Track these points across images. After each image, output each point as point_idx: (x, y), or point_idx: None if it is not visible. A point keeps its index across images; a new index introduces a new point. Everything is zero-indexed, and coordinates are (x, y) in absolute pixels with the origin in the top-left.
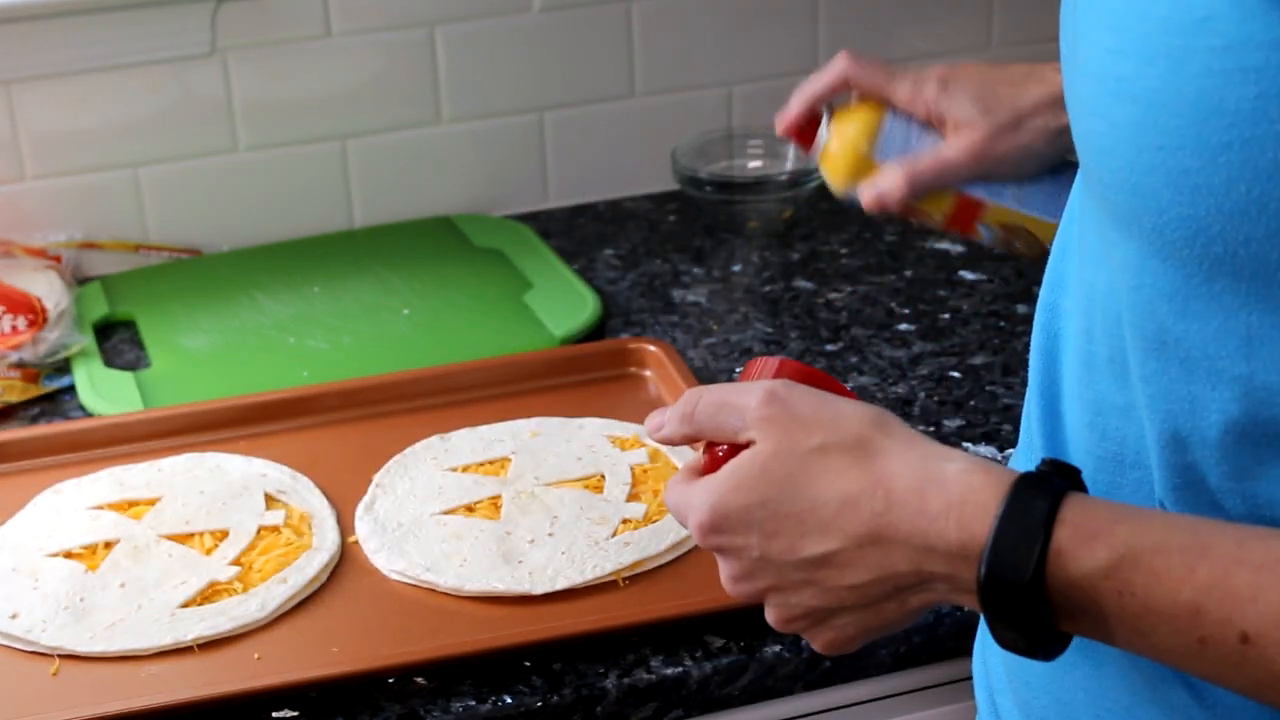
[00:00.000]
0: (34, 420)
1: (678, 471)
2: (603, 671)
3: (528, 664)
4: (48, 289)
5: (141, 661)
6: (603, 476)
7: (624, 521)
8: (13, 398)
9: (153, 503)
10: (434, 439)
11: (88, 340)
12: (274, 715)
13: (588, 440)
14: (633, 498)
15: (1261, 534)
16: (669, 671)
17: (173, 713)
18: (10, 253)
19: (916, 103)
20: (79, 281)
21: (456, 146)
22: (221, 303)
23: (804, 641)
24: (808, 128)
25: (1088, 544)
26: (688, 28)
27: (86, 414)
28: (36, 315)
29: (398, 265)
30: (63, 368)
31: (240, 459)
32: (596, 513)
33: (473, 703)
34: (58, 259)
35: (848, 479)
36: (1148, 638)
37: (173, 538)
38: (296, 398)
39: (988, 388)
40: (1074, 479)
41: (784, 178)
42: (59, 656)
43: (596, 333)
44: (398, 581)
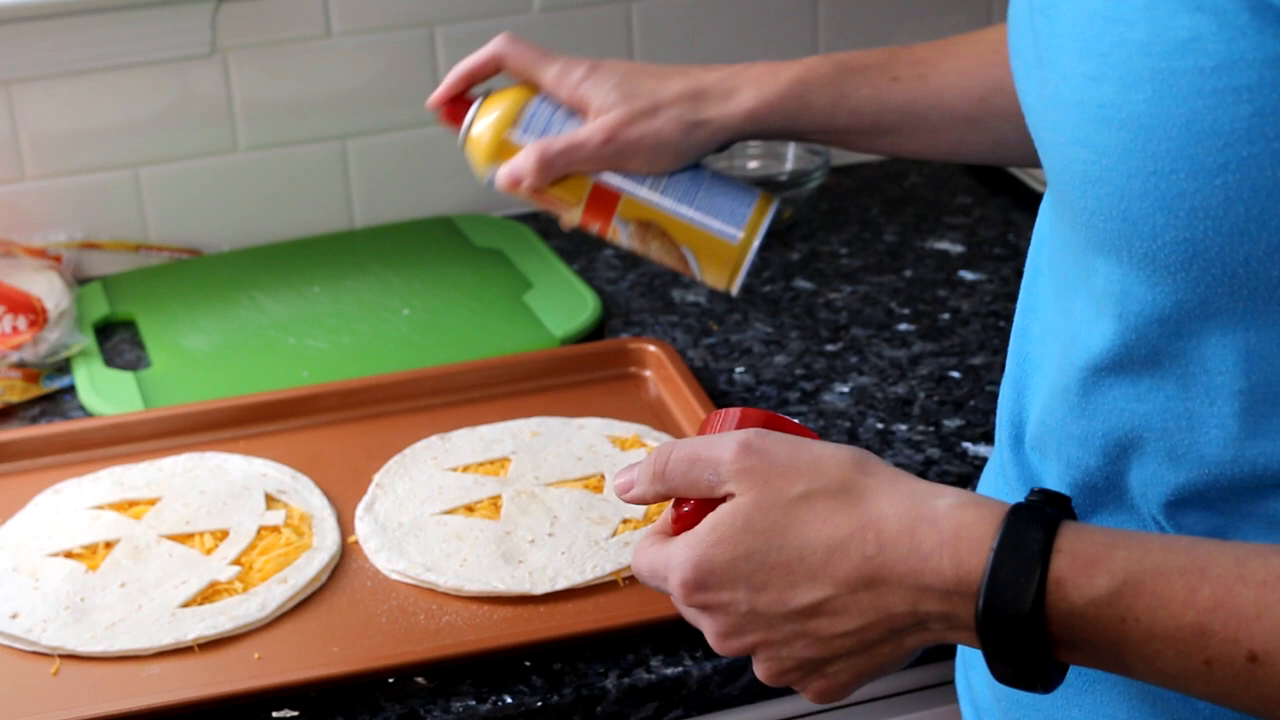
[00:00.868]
0: (34, 420)
1: (644, 536)
2: (603, 671)
3: (528, 664)
4: (48, 289)
5: (142, 661)
6: (603, 476)
7: (624, 521)
8: (13, 398)
9: (153, 503)
10: (434, 439)
11: (88, 340)
12: (274, 715)
13: (588, 440)
14: None
15: (1261, 551)
16: (669, 671)
17: (173, 713)
18: (10, 253)
19: (562, 87)
20: (79, 281)
21: (456, 146)
22: (221, 303)
23: None
24: (458, 109)
25: (1087, 572)
26: (688, 28)
27: (87, 414)
28: (37, 315)
29: (398, 265)
30: (63, 368)
31: (240, 459)
32: (596, 513)
33: (473, 703)
34: (58, 259)
35: (835, 524)
36: (1152, 663)
37: (173, 538)
38: (296, 398)
39: (988, 388)
40: (1065, 507)
41: (784, 178)
42: (59, 656)
43: (596, 333)
44: (398, 581)
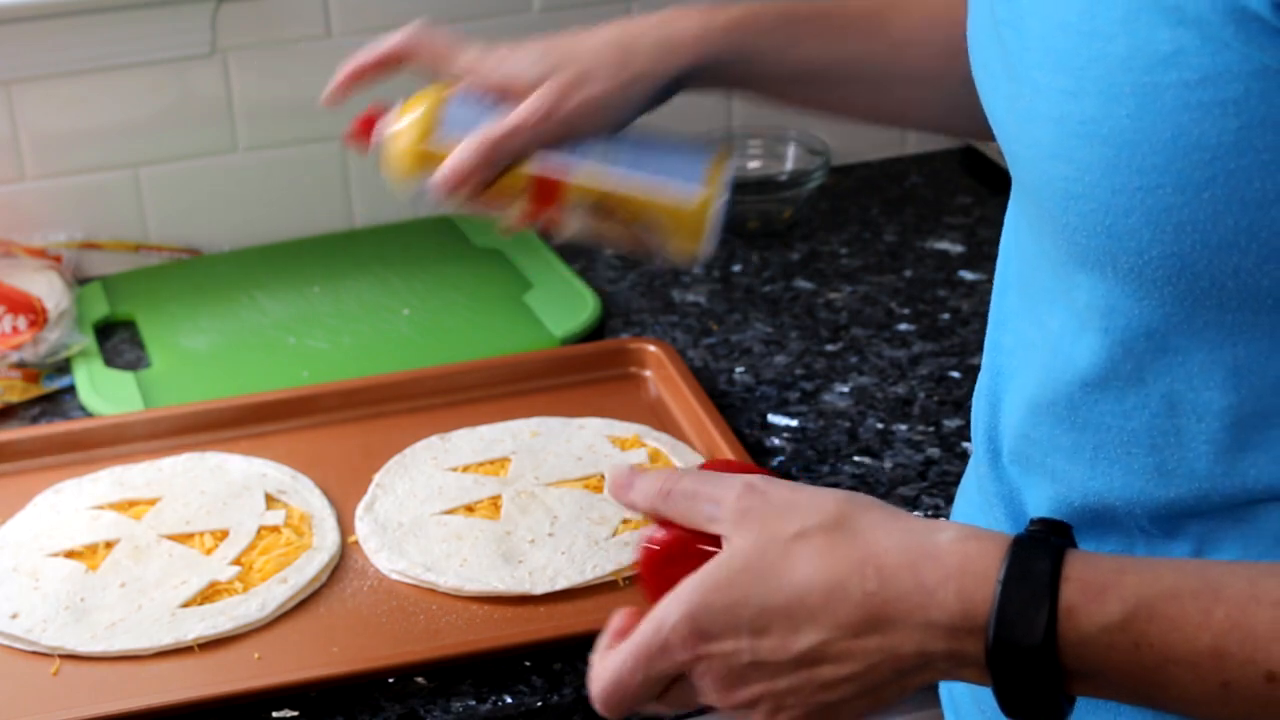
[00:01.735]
0: (34, 420)
1: (601, 641)
2: None
3: (528, 664)
4: (48, 289)
5: (142, 661)
6: (603, 476)
7: (624, 521)
8: (13, 398)
9: (153, 503)
10: (434, 439)
11: (88, 340)
12: (274, 715)
13: (588, 440)
14: None
15: (1274, 570)
16: None
17: (173, 713)
18: (10, 253)
19: (481, 72)
20: (79, 281)
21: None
22: (221, 303)
23: None
24: (365, 125)
25: (1098, 599)
26: None
27: (87, 414)
28: (37, 315)
29: (398, 265)
30: (63, 368)
31: (240, 459)
32: (596, 513)
33: (473, 703)
34: (58, 259)
35: (833, 560)
36: (1167, 690)
37: (173, 537)
38: (296, 398)
39: None
40: (1068, 536)
41: (784, 178)
42: (59, 656)
43: (596, 333)
44: (398, 581)
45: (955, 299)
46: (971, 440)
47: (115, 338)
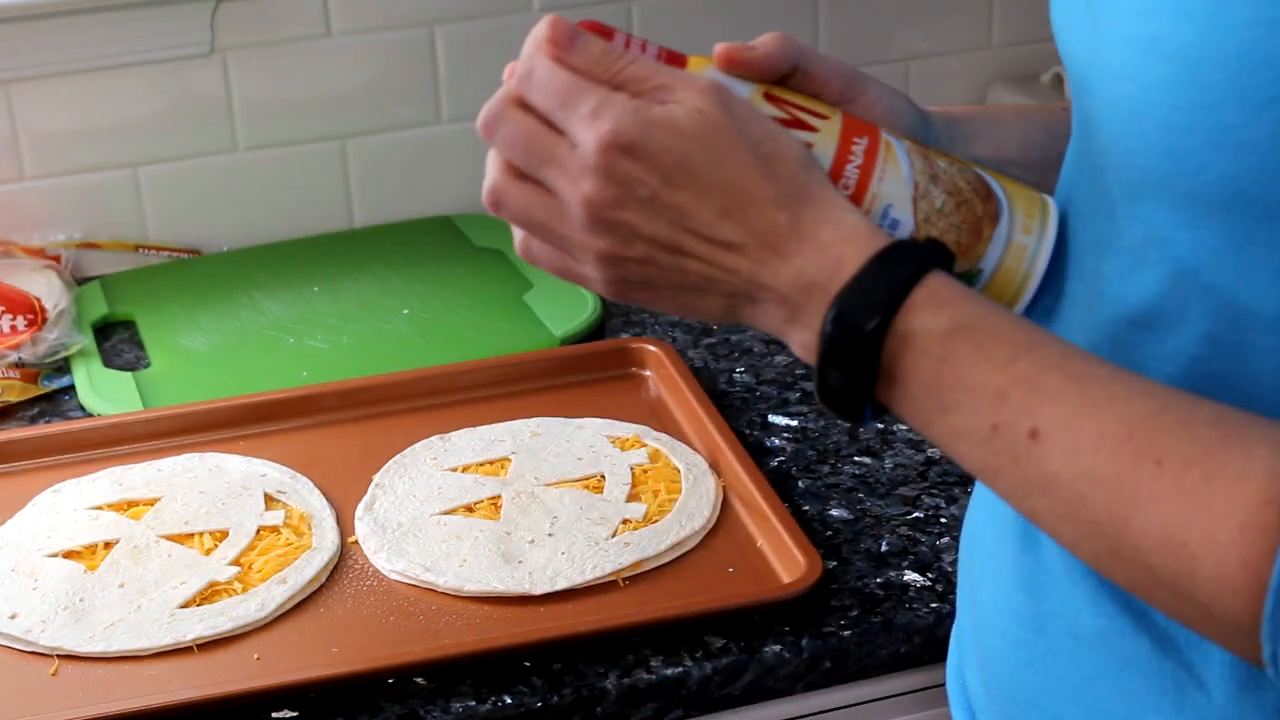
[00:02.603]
0: (33, 420)
1: (538, 38)
2: (603, 671)
3: (528, 664)
4: (47, 289)
5: (141, 662)
6: (603, 476)
7: (624, 522)
8: (12, 398)
9: (152, 503)
10: (434, 439)
11: (87, 340)
12: (274, 715)
13: (588, 440)
14: (633, 498)
15: (1087, 356)
16: (669, 671)
17: (172, 713)
18: (10, 253)
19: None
20: (78, 281)
21: (456, 146)
22: (221, 303)
23: (804, 641)
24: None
25: (937, 307)
26: (687, 28)
27: (86, 414)
28: (36, 315)
29: (398, 265)
30: (62, 368)
31: (240, 459)
32: (596, 513)
33: (473, 703)
34: (57, 259)
35: (767, 182)
36: (948, 414)
37: (172, 538)
38: (296, 398)
39: None
40: (948, 260)
41: None
42: (58, 657)
43: (596, 333)
44: (397, 581)
45: None
46: None
47: (114, 338)
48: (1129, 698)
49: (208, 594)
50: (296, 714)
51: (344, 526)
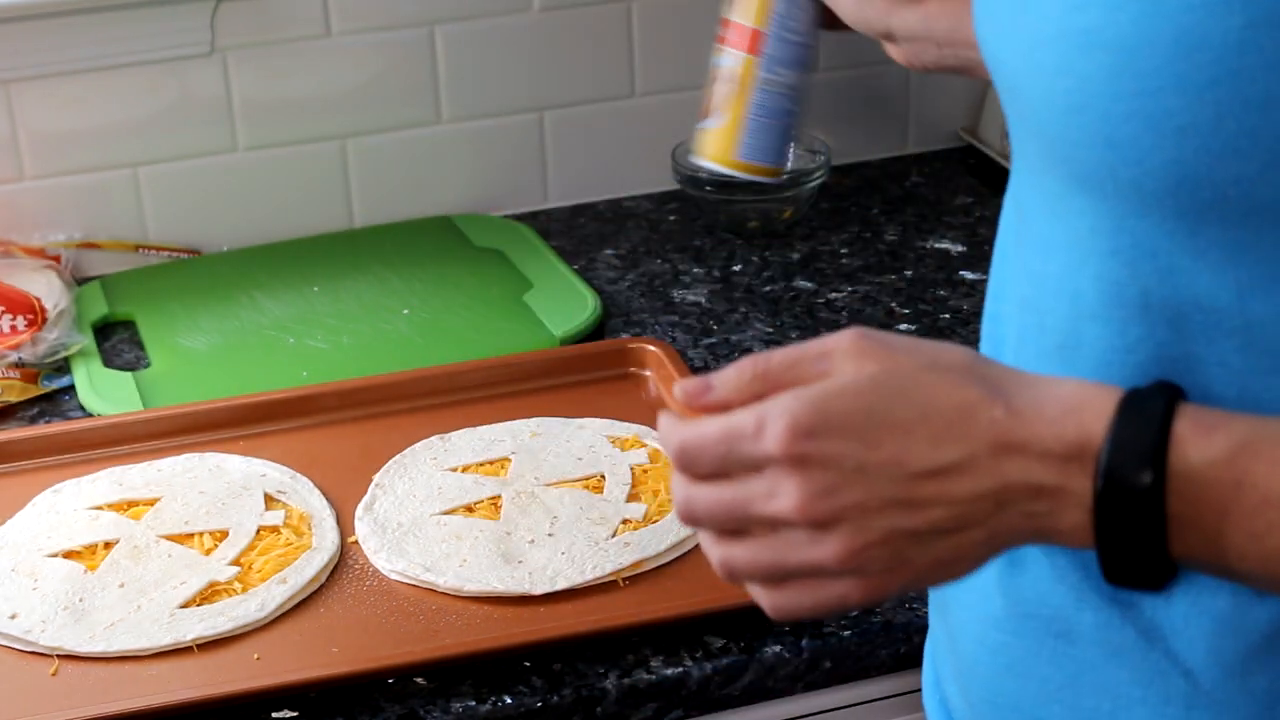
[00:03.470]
0: (33, 420)
1: (665, 415)
2: (603, 671)
3: (528, 664)
4: (47, 289)
5: (141, 661)
6: (603, 476)
7: (624, 521)
8: (12, 398)
9: (152, 503)
10: (434, 439)
11: (87, 340)
12: (274, 715)
13: (588, 440)
14: (633, 498)
15: None
16: (669, 671)
17: (172, 713)
18: (10, 253)
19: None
20: (78, 281)
21: (456, 146)
22: (221, 303)
23: (804, 641)
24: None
25: (1207, 434)
26: (688, 28)
27: (86, 414)
28: (36, 315)
29: (398, 265)
30: (62, 368)
31: (240, 459)
32: (596, 513)
33: (473, 703)
34: (57, 259)
35: (963, 392)
36: (1262, 541)
37: (172, 538)
38: (296, 398)
39: None
40: (1179, 392)
41: (784, 177)
42: (58, 657)
43: (596, 333)
44: (397, 581)
45: (956, 299)
46: None
47: (114, 337)
48: (1113, 691)
49: (208, 594)
50: (296, 714)
51: (344, 526)
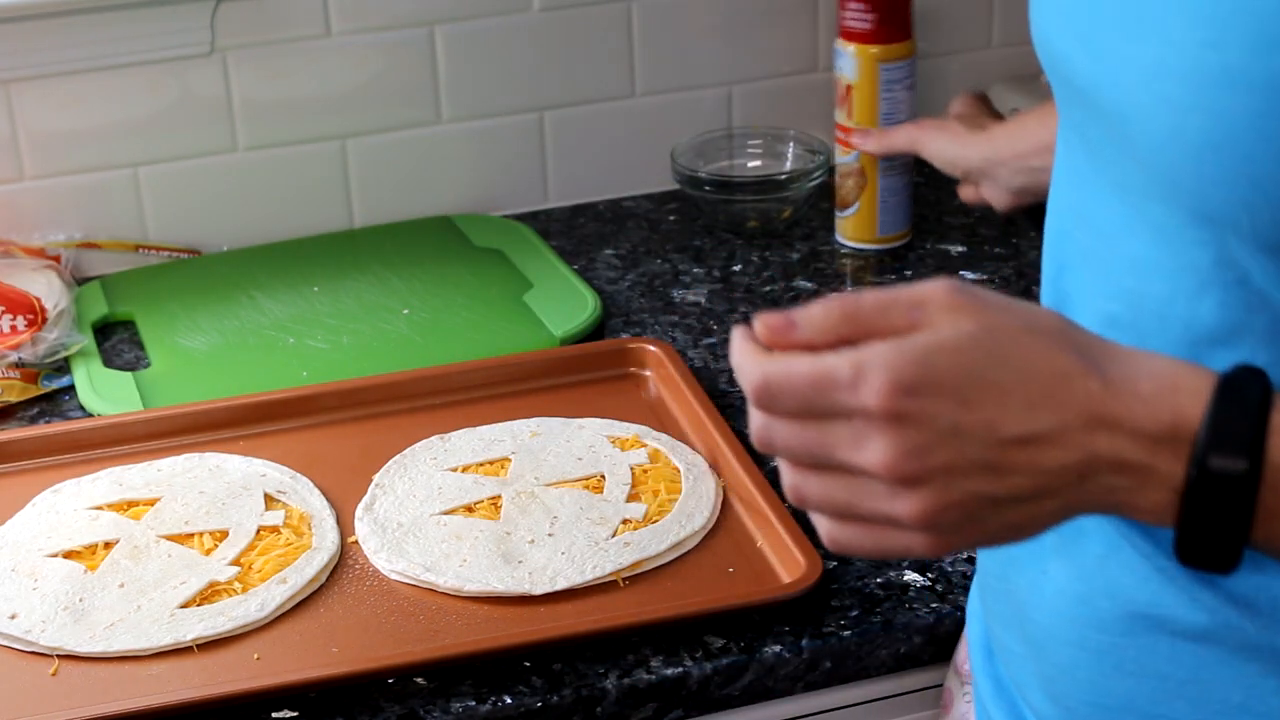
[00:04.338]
0: (33, 420)
1: (748, 347)
2: (603, 671)
3: (528, 664)
4: (47, 289)
5: (141, 662)
6: (603, 476)
7: (624, 521)
8: (12, 398)
9: (152, 503)
10: (434, 439)
11: (87, 340)
12: (274, 715)
13: (588, 440)
14: (633, 498)
15: None
16: (669, 671)
17: (172, 713)
18: (10, 253)
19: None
20: (78, 281)
21: (456, 146)
22: (221, 303)
23: (804, 641)
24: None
25: None
26: (688, 28)
27: (86, 414)
28: (36, 315)
29: (398, 265)
30: (62, 368)
31: (240, 459)
32: (596, 513)
33: (473, 703)
34: (57, 259)
35: (1061, 359)
36: None
37: (172, 538)
38: (296, 398)
39: None
40: (1268, 381)
41: (784, 177)
42: (58, 657)
43: (596, 333)
44: (397, 581)
45: None
46: None
47: (114, 337)
48: (1244, 683)
49: (208, 594)
50: (296, 714)
51: (344, 526)
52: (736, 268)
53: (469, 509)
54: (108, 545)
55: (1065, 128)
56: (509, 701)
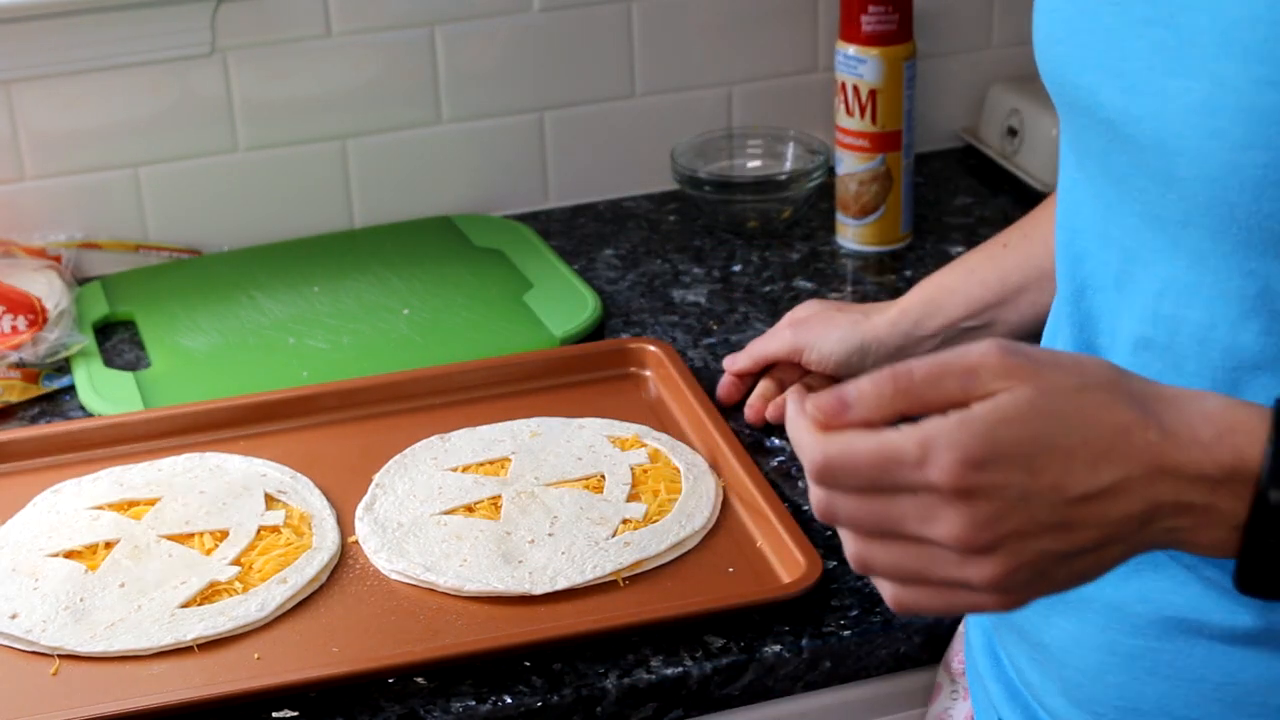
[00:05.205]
0: (34, 420)
1: (796, 411)
2: (603, 671)
3: (528, 664)
4: (47, 289)
5: (141, 661)
6: (603, 476)
7: (624, 521)
8: (13, 398)
9: (153, 503)
10: (434, 439)
11: (87, 340)
12: (274, 715)
13: (588, 440)
14: (633, 498)
15: None
16: (669, 671)
17: (173, 713)
18: (10, 253)
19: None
20: (79, 281)
21: (456, 146)
22: (221, 303)
23: (804, 641)
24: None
25: None
26: (688, 28)
27: (86, 414)
28: (36, 315)
29: (398, 265)
30: (62, 368)
31: (240, 459)
32: (596, 513)
33: (473, 703)
34: (57, 259)
35: (1117, 412)
36: None
37: (172, 538)
38: (296, 398)
39: None
40: None
41: (784, 178)
42: (59, 656)
43: (596, 333)
44: (398, 581)
45: None
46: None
47: (115, 337)
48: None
49: (208, 594)
50: (296, 714)
51: (344, 526)
52: (736, 268)
53: (469, 509)
54: (108, 545)
55: (1079, 154)
56: (509, 701)
